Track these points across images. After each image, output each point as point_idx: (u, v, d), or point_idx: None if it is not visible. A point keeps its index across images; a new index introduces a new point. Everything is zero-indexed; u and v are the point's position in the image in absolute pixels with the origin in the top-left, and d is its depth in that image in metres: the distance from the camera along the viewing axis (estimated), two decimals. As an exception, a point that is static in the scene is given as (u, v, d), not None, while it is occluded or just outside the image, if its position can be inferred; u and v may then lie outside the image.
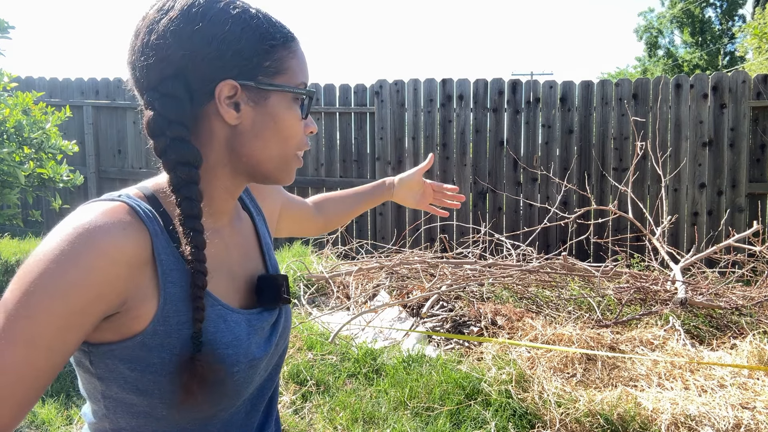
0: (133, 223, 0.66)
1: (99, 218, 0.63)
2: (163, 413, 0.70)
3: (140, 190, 0.73)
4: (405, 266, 4.49)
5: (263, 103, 0.72)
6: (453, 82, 5.80)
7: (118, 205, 0.66)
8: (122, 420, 0.71)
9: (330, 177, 6.07)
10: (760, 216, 5.33)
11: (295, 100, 0.74)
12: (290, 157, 0.77)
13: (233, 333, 0.73)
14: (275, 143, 0.74)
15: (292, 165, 0.78)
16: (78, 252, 0.60)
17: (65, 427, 2.49)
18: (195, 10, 0.68)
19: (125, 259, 0.63)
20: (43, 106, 4.37)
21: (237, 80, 0.70)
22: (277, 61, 0.72)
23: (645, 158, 5.38)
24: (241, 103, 0.71)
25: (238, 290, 0.80)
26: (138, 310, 0.66)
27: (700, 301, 3.56)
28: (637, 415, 2.39)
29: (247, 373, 0.75)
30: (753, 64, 17.58)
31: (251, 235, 0.87)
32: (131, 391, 0.68)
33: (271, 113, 0.72)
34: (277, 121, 0.73)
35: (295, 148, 0.77)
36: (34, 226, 6.54)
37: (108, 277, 0.61)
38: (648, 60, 31.38)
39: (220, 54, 0.69)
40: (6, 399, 0.57)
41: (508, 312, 3.58)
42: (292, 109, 0.74)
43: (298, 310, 3.94)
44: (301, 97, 0.75)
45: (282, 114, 0.73)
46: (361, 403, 2.63)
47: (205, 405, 0.70)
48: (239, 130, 0.72)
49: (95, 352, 0.67)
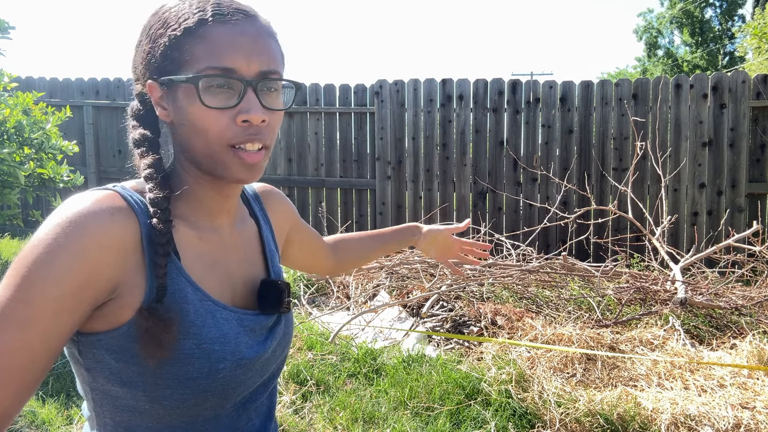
0: (122, 210, 0.67)
1: (89, 205, 0.65)
2: (146, 407, 0.70)
3: (137, 183, 0.74)
4: (405, 266, 4.49)
5: (175, 97, 0.71)
6: (453, 82, 5.80)
7: (109, 193, 0.68)
8: (108, 414, 0.72)
9: (330, 177, 6.07)
10: (759, 216, 5.33)
11: (207, 88, 0.68)
12: (219, 151, 0.71)
13: (221, 329, 0.73)
14: (195, 138, 0.71)
15: (232, 160, 0.71)
16: (68, 237, 0.61)
17: (65, 427, 2.49)
18: (146, 22, 0.74)
19: (114, 244, 0.65)
20: (43, 106, 4.37)
21: (155, 78, 0.72)
22: (183, 51, 0.69)
23: (645, 158, 5.39)
24: (164, 100, 0.73)
25: (234, 290, 0.80)
26: (126, 298, 0.67)
27: (699, 301, 3.57)
28: (637, 415, 2.39)
29: (235, 372, 0.74)
30: (753, 64, 17.59)
31: (255, 240, 0.87)
32: (116, 382, 0.69)
33: (181, 107, 0.71)
34: (187, 115, 0.70)
35: (222, 140, 0.70)
36: (35, 226, 6.51)
37: (98, 262, 0.63)
38: (648, 60, 31.39)
39: (144, 55, 0.73)
40: (6, 382, 0.58)
41: (508, 312, 3.58)
42: (198, 100, 0.69)
43: (298, 310, 3.94)
44: (211, 83, 0.68)
45: (188, 107, 0.70)
46: (361, 403, 2.63)
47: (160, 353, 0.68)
48: (174, 127, 0.74)
49: (84, 341, 0.68)
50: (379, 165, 5.94)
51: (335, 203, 6.09)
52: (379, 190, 5.95)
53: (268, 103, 0.72)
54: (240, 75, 0.69)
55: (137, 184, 0.74)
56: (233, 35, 0.69)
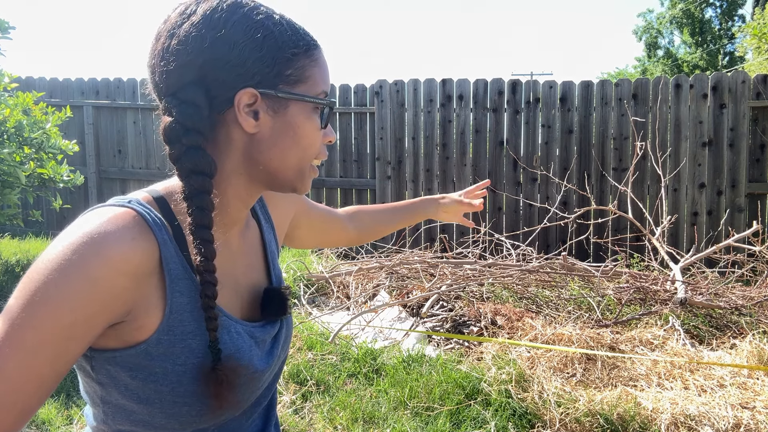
0: (141, 231, 0.64)
1: (106, 226, 0.62)
2: (162, 422, 0.69)
3: (150, 194, 0.71)
4: (405, 266, 4.49)
5: (283, 112, 0.71)
6: (453, 83, 5.81)
7: (126, 211, 0.65)
8: (120, 426, 0.71)
9: (330, 177, 6.08)
10: (759, 216, 5.33)
11: (314, 109, 0.73)
12: (307, 167, 0.76)
13: (235, 344, 0.73)
14: (293, 152, 0.73)
15: (308, 174, 0.77)
16: (84, 261, 0.59)
17: (65, 427, 2.49)
18: (218, 16, 0.66)
19: (132, 269, 0.62)
20: (43, 106, 4.37)
21: (257, 88, 0.68)
22: (299, 69, 0.71)
23: (645, 158, 5.39)
24: (260, 111, 0.69)
25: (241, 300, 0.79)
26: (143, 319, 0.65)
27: (699, 301, 3.57)
28: (636, 415, 2.39)
29: (248, 385, 0.75)
30: (753, 64, 17.59)
31: (257, 244, 0.87)
32: (131, 398, 0.68)
33: (290, 122, 0.71)
34: (296, 130, 0.72)
35: (313, 157, 0.76)
36: (35, 226, 6.54)
37: (114, 288, 0.61)
38: (648, 60, 31.40)
39: (242, 61, 0.67)
40: (9, 406, 0.57)
41: (507, 312, 3.58)
42: (311, 119, 0.73)
43: (298, 310, 3.94)
44: (321, 106, 0.74)
45: (301, 123, 0.72)
46: (361, 402, 2.63)
47: (233, 406, 0.71)
48: (257, 138, 0.70)
49: (97, 357, 0.67)
50: (379, 165, 5.94)
51: (335, 203, 6.09)
52: (379, 190, 5.95)
53: None
54: (329, 100, 0.75)
55: (149, 194, 0.71)
56: (326, 62, 0.76)
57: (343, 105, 6.06)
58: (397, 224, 1.27)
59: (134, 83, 6.47)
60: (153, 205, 0.70)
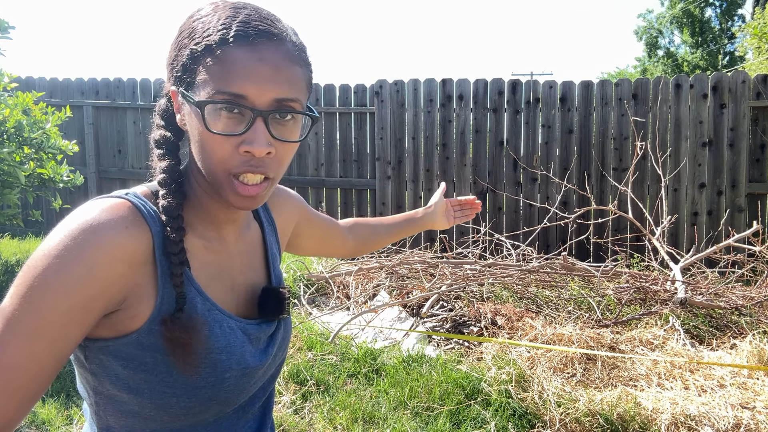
0: (135, 221, 0.66)
1: (102, 215, 0.64)
2: (152, 413, 0.70)
3: (148, 188, 0.73)
4: (405, 266, 4.49)
5: (187, 111, 0.69)
6: (453, 82, 5.80)
7: (122, 202, 0.67)
8: (111, 417, 0.71)
9: (330, 177, 6.08)
10: (759, 216, 5.33)
11: (214, 112, 0.65)
12: (220, 177, 0.68)
13: (227, 339, 0.73)
14: (202, 158, 0.69)
15: (226, 186, 0.68)
16: (81, 248, 0.61)
17: (65, 427, 2.49)
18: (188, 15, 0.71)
19: (127, 257, 0.64)
20: (43, 106, 4.37)
21: (174, 86, 0.71)
22: (199, 67, 0.66)
23: (645, 158, 5.38)
24: (181, 109, 0.71)
25: (237, 298, 0.80)
26: (136, 308, 0.66)
27: (699, 301, 3.57)
28: (636, 415, 2.39)
29: (240, 380, 0.75)
30: (753, 64, 17.58)
31: (258, 245, 0.87)
32: (122, 388, 0.69)
33: (190, 123, 0.69)
34: (194, 133, 0.69)
35: (223, 166, 0.67)
36: (35, 226, 6.54)
37: (110, 274, 0.62)
38: (648, 60, 31.38)
39: (173, 59, 0.71)
40: (11, 392, 0.58)
41: (508, 312, 3.58)
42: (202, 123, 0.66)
43: (298, 310, 3.94)
44: (219, 107, 0.65)
45: (196, 126, 0.68)
46: (361, 403, 2.63)
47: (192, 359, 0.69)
48: (189, 136, 0.72)
49: (91, 347, 0.68)
50: (379, 165, 5.94)
51: (335, 203, 6.10)
52: (379, 190, 5.95)
53: (279, 133, 0.68)
54: (250, 103, 0.65)
55: (148, 188, 0.73)
56: (251, 61, 0.64)
57: (343, 105, 6.06)
58: (394, 237, 1.28)
59: (134, 83, 6.47)
60: (150, 198, 0.71)
